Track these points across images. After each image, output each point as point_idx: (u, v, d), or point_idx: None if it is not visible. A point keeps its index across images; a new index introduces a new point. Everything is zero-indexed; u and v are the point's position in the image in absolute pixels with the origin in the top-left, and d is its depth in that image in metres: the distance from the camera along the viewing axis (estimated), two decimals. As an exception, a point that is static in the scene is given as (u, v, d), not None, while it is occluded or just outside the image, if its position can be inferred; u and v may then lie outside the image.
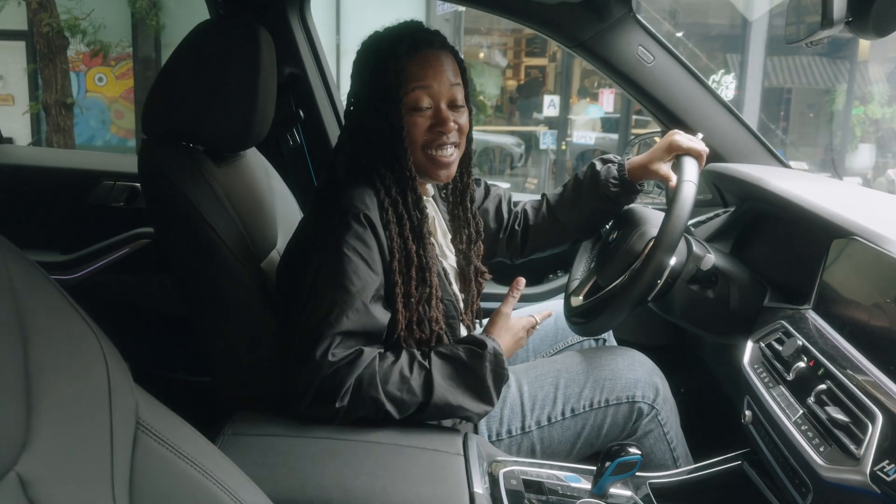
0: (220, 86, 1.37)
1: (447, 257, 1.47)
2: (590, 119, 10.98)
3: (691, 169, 1.45)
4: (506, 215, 1.71)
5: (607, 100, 10.71)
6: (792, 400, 1.16)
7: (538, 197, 1.74)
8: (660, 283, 1.42)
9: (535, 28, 1.84)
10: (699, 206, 2.00)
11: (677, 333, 2.05)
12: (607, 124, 10.73)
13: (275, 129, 1.71)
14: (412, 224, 1.30)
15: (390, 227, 1.26)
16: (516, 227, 1.71)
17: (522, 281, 1.41)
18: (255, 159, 1.65)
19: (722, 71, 10.62)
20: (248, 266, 1.33)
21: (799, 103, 12.63)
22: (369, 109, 1.30)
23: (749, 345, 1.37)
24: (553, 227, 1.69)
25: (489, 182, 1.74)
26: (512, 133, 11.70)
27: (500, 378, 1.28)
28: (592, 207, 1.62)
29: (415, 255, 1.28)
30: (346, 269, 1.21)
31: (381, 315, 1.25)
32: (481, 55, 12.30)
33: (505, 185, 10.14)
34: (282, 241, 1.64)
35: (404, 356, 1.24)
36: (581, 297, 1.65)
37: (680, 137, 1.53)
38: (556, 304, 1.89)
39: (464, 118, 1.34)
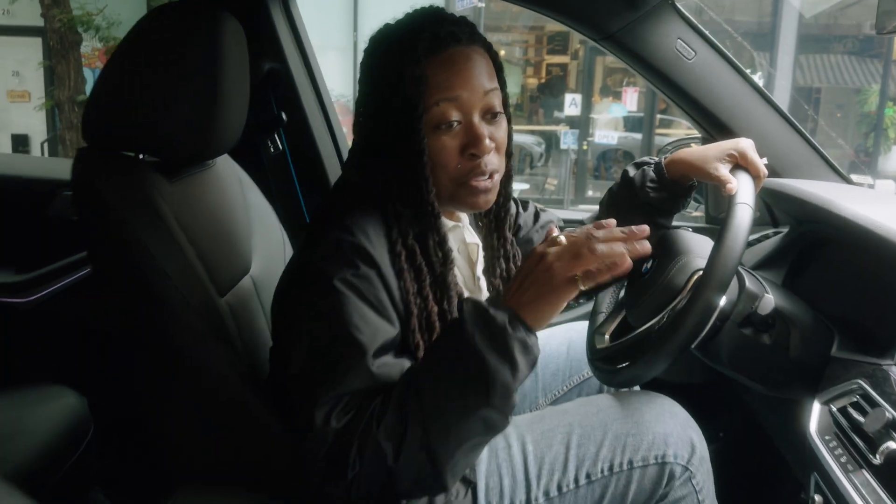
0: (172, 82, 1.13)
1: (482, 293, 1.22)
2: (612, 118, 10.71)
3: (749, 189, 1.19)
4: None
5: (631, 98, 10.45)
6: (883, 494, 0.90)
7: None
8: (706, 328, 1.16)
9: (557, 18, 1.58)
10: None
11: (716, 370, 1.78)
12: (630, 123, 10.46)
13: (252, 134, 1.48)
14: (434, 276, 1.04)
15: (404, 276, 1.01)
16: None
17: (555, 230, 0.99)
18: (226, 170, 1.42)
19: (749, 70, 10.27)
20: (200, 304, 1.09)
21: (828, 103, 12.26)
22: (380, 127, 1.05)
23: (816, 407, 1.11)
24: None
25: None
26: (532, 132, 11.44)
27: (496, 338, 0.88)
28: (636, 222, 1.34)
29: (437, 316, 1.03)
30: (350, 315, 0.95)
31: (398, 370, 0.98)
32: (502, 53, 12.06)
33: (524, 186, 9.94)
34: (258, 265, 1.41)
35: (400, 380, 0.97)
36: (607, 337, 1.39)
37: (749, 147, 1.25)
38: (569, 331, 1.63)
39: (502, 130, 1.07)
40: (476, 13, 9.98)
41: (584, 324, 1.65)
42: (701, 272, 1.22)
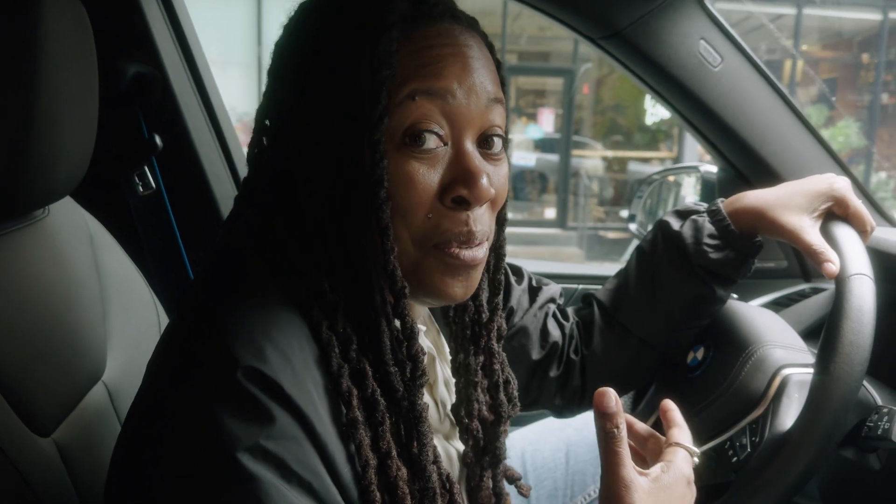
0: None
1: (449, 436, 0.77)
2: (528, 139, 10.57)
3: (860, 251, 0.83)
4: (556, 335, 0.98)
5: (547, 119, 10.34)
6: None
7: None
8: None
9: (553, 13, 1.17)
10: (763, 277, 1.38)
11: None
12: (546, 145, 10.33)
13: (111, 166, 1.02)
14: (400, 415, 0.62)
15: (359, 431, 0.57)
16: (573, 355, 0.99)
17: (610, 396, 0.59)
18: (65, 223, 0.93)
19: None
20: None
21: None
22: (305, 142, 0.60)
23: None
24: (623, 349, 0.98)
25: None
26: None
27: None
28: (692, 296, 0.93)
29: (405, 483, 0.59)
30: None
31: None
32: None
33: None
34: (117, 363, 0.93)
35: None
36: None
37: (848, 190, 0.89)
38: (565, 429, 1.24)
39: (503, 175, 0.65)
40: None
41: (587, 418, 1.25)
42: (789, 371, 0.84)
